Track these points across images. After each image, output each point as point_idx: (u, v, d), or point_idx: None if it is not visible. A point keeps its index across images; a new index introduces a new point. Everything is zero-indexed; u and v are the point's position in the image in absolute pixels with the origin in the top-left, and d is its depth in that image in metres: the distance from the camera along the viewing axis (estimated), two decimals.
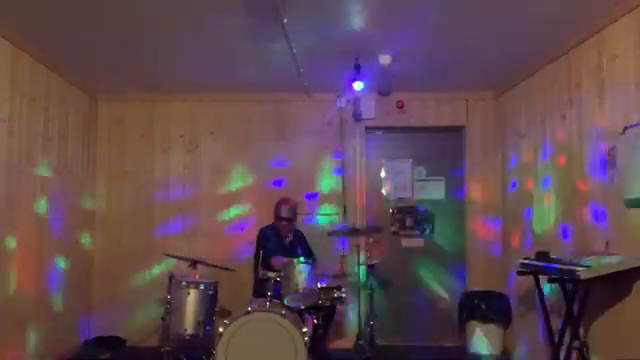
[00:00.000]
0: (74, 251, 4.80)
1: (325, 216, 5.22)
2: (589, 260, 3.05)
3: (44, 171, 4.24)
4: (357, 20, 3.54)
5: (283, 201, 4.62)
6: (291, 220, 4.58)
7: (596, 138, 3.45)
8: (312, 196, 5.28)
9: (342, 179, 5.29)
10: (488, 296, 4.83)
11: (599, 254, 3.21)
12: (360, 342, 4.46)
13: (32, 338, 4.04)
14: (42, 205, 4.22)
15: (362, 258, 4.76)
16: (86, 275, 5.08)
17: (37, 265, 4.14)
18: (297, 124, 5.34)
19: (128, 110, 5.36)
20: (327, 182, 5.31)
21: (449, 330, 5.13)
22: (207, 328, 3.90)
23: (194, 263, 4.10)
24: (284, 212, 4.54)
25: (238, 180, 5.30)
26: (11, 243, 3.74)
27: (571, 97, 3.78)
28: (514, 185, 4.83)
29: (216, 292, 4.06)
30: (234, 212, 5.25)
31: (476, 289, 5.03)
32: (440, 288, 5.33)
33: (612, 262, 3.00)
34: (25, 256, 3.93)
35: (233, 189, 5.29)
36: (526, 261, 3.64)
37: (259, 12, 3.31)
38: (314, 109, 5.33)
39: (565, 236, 3.83)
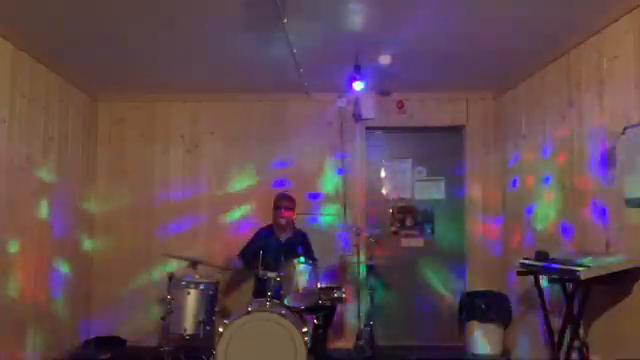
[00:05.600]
0: (74, 252, 4.80)
1: (327, 216, 5.21)
2: (589, 260, 3.05)
3: (44, 171, 4.24)
4: (357, 20, 3.54)
5: (280, 194, 4.68)
6: (290, 210, 4.54)
7: (596, 138, 3.45)
8: (315, 196, 5.27)
9: (343, 179, 5.29)
10: (488, 296, 4.83)
11: (599, 254, 3.22)
12: (360, 342, 4.46)
13: (32, 339, 4.03)
14: (42, 206, 4.21)
15: (362, 258, 4.76)
16: (86, 275, 5.08)
17: (38, 266, 4.14)
18: (297, 124, 5.34)
19: (128, 110, 5.35)
20: (329, 182, 5.30)
21: (449, 330, 5.13)
22: (207, 328, 3.90)
23: (194, 263, 4.10)
24: (281, 201, 4.55)
25: (238, 180, 5.29)
26: (12, 245, 3.74)
27: (571, 97, 3.78)
28: (514, 185, 4.83)
29: (216, 292, 4.06)
30: (234, 212, 5.24)
31: (476, 289, 5.03)
32: (440, 288, 5.32)
33: (612, 262, 3.00)
34: (25, 258, 3.92)
35: (233, 189, 5.28)
36: (526, 261, 3.64)
37: (259, 12, 3.31)
38: (314, 109, 5.33)
39: (565, 236, 3.83)
